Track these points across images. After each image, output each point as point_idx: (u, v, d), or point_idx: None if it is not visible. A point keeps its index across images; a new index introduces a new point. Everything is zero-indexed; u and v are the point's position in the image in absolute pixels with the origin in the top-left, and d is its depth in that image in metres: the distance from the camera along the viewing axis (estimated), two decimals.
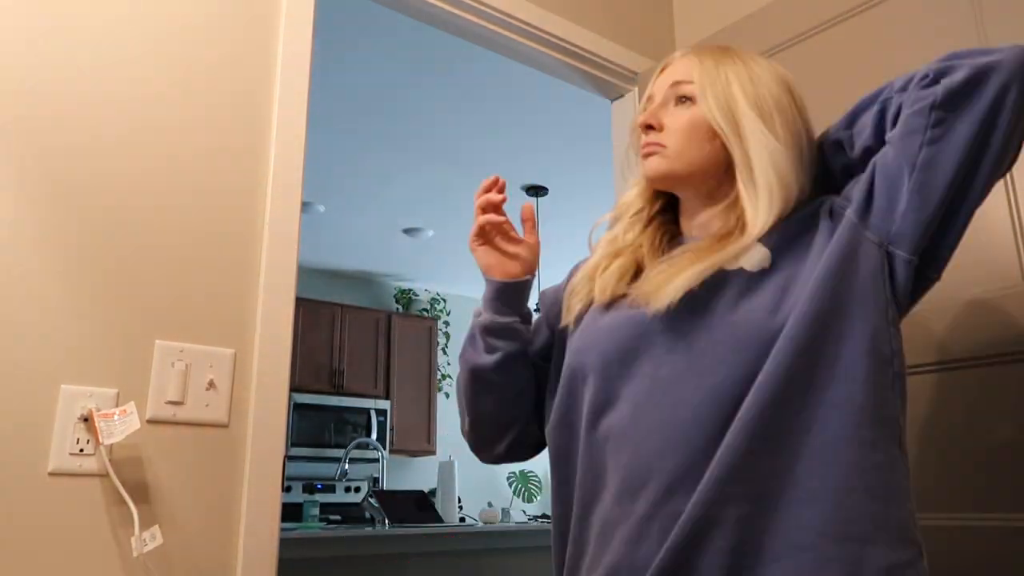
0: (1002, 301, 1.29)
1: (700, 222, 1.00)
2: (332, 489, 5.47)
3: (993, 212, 1.33)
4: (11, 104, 1.21)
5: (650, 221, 1.05)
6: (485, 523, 4.08)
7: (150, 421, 1.24)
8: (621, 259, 1.01)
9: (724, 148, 0.96)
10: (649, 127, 0.98)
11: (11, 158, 1.20)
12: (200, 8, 1.42)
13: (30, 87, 1.23)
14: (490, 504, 5.08)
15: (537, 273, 1.11)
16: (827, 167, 1.01)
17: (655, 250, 1.01)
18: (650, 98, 1.02)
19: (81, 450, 1.17)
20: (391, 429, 5.71)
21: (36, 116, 1.23)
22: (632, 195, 1.06)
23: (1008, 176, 1.32)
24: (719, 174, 0.97)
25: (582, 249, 1.11)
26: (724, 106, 0.95)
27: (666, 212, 1.06)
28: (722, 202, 0.97)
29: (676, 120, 0.97)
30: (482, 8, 1.83)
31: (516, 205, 1.00)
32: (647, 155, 0.99)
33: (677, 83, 0.98)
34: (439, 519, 3.52)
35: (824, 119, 1.60)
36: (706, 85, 0.96)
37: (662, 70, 1.03)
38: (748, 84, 0.96)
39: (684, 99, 0.98)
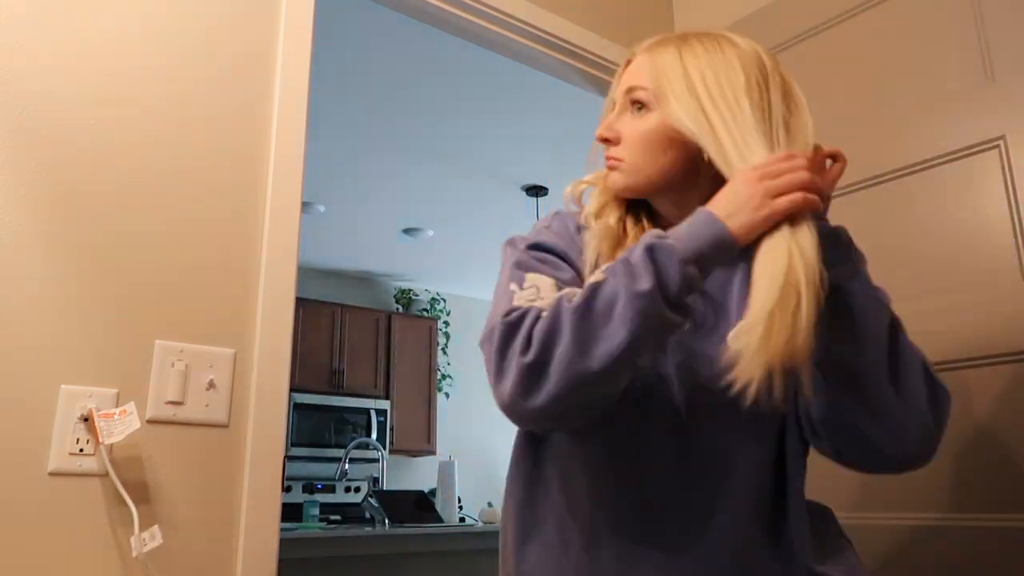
0: (1001, 301, 1.29)
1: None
2: (332, 489, 5.47)
3: (993, 212, 1.33)
4: (11, 104, 1.21)
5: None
6: (485, 523, 4.08)
7: (150, 421, 1.24)
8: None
9: (687, 150, 0.89)
10: (607, 140, 0.95)
11: (11, 158, 1.20)
12: (200, 9, 1.42)
13: (30, 88, 1.23)
14: (490, 504, 5.08)
15: None
16: None
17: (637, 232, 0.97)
18: (612, 104, 0.98)
19: (81, 450, 1.17)
20: (391, 429, 5.72)
21: (36, 117, 1.23)
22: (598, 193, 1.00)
23: (1008, 176, 1.32)
24: (690, 177, 0.92)
25: None
26: (688, 106, 0.87)
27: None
28: (698, 204, 0.85)
29: (631, 131, 0.93)
30: (482, 8, 1.83)
31: (516, 205, 0.99)
32: (610, 168, 0.96)
33: (631, 89, 0.94)
34: (439, 519, 3.52)
35: (825, 119, 1.60)
36: (665, 88, 0.90)
37: (624, 69, 0.98)
38: (710, 74, 0.88)
39: (639, 105, 0.93)
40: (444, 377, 6.26)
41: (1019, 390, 1.25)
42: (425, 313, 6.35)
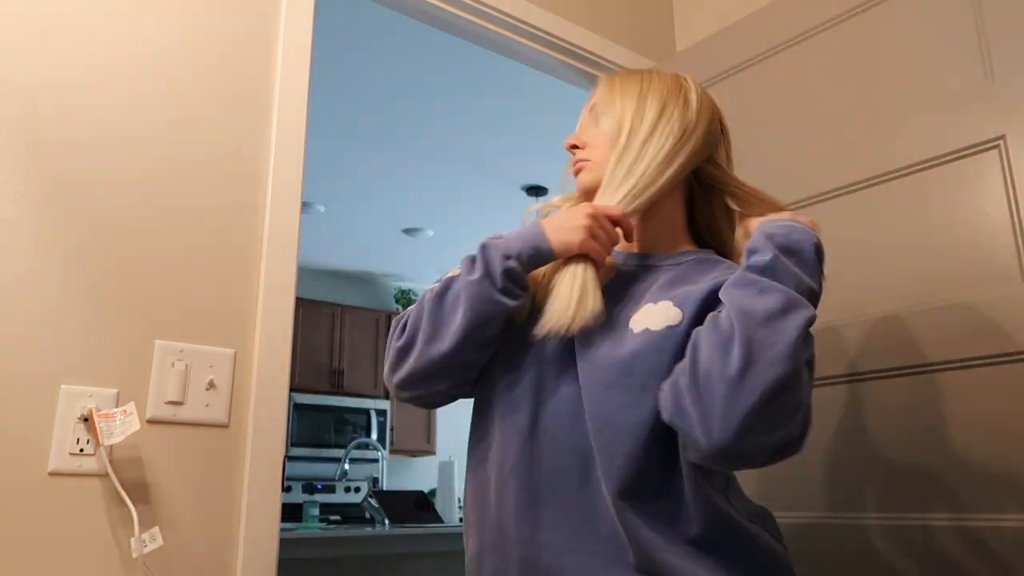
0: (1001, 301, 1.29)
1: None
2: (332, 489, 5.47)
3: (993, 212, 1.33)
4: (11, 104, 1.21)
5: None
6: None
7: (150, 421, 1.24)
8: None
9: None
10: (574, 147, 1.10)
11: (11, 158, 1.20)
12: (200, 8, 1.42)
13: (30, 87, 1.23)
14: None
15: None
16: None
17: None
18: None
19: (81, 450, 1.17)
20: (391, 429, 5.72)
21: (36, 116, 1.23)
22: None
23: (1008, 176, 1.32)
24: None
25: None
26: (610, 122, 1.06)
27: None
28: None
29: (593, 135, 1.09)
30: (482, 8, 1.83)
31: (515, 205, 1.01)
32: (577, 171, 1.10)
33: (592, 106, 1.11)
34: (439, 519, 3.52)
35: (824, 119, 1.61)
36: (607, 104, 1.08)
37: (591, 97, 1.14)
38: (638, 107, 1.06)
39: (597, 116, 1.09)
40: None
41: (1019, 390, 1.25)
42: None
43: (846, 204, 1.54)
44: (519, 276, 0.97)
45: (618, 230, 1.01)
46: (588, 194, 1.08)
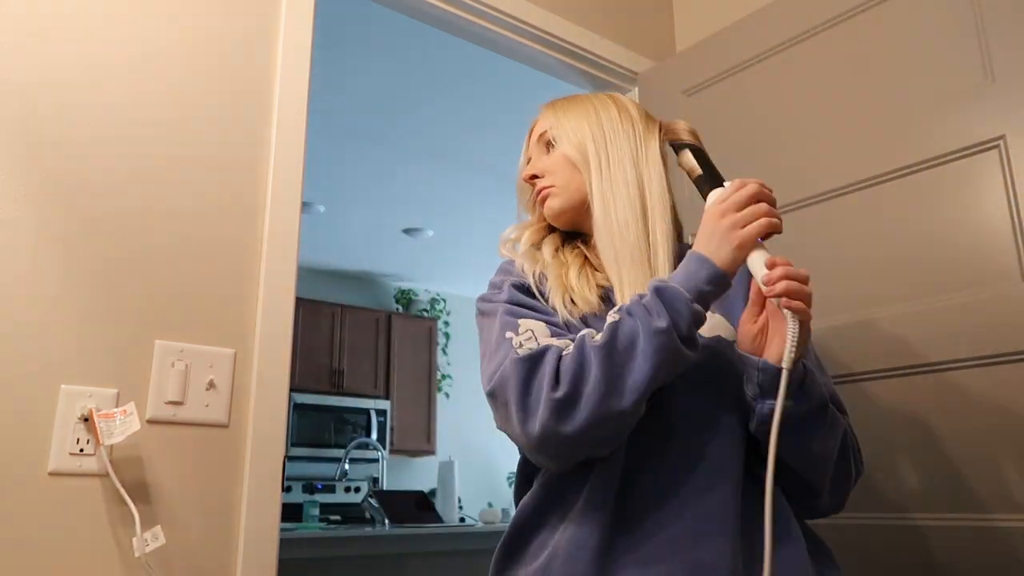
0: (1001, 301, 1.29)
1: None
2: (332, 489, 5.47)
3: (993, 212, 1.33)
4: (11, 105, 1.21)
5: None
6: (485, 523, 4.08)
7: (150, 421, 1.24)
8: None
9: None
10: (534, 177, 1.11)
11: (11, 158, 1.20)
12: (200, 8, 1.42)
13: (31, 87, 1.23)
14: (490, 504, 5.08)
15: None
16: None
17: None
18: (528, 159, 1.16)
19: (81, 450, 1.17)
20: (391, 429, 5.71)
21: (36, 117, 1.23)
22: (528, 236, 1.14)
23: (1008, 176, 1.32)
24: None
25: None
26: (573, 142, 1.07)
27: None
28: None
29: (549, 162, 1.10)
30: (482, 8, 1.83)
31: (516, 205, 1.01)
32: (543, 199, 1.10)
33: (541, 135, 1.12)
34: (439, 519, 3.52)
35: (824, 119, 1.61)
36: (561, 130, 1.10)
37: (533, 125, 1.16)
38: (589, 122, 1.09)
39: (549, 145, 1.11)
40: (444, 377, 6.26)
41: (1019, 390, 1.25)
42: (425, 313, 6.35)
43: (846, 204, 1.54)
44: (703, 321, 0.90)
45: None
46: (559, 218, 1.10)
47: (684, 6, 2.28)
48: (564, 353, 0.88)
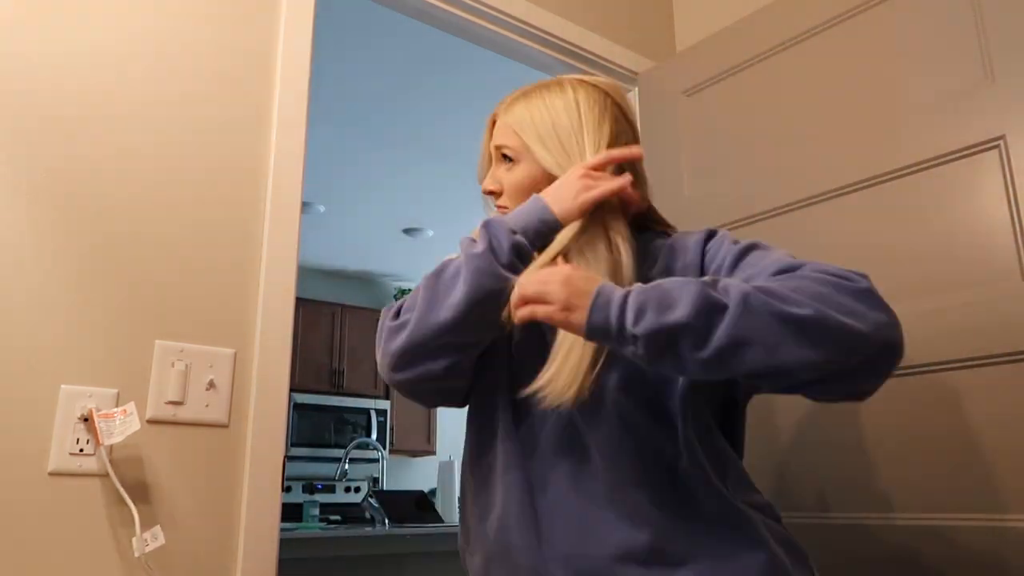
0: (1001, 301, 1.29)
1: None
2: (332, 489, 5.47)
3: (993, 212, 1.33)
4: (12, 105, 1.21)
5: None
6: None
7: (150, 421, 1.24)
8: None
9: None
10: (492, 192, 1.08)
11: (11, 159, 1.20)
12: (200, 8, 1.42)
13: (30, 88, 1.23)
14: None
15: None
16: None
17: None
18: (489, 157, 1.12)
19: (81, 450, 1.17)
20: (391, 429, 5.72)
21: (36, 117, 1.23)
22: None
23: (1008, 176, 1.32)
24: None
25: None
26: (546, 152, 1.03)
27: None
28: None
29: (508, 182, 1.07)
30: (482, 8, 1.83)
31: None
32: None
33: (499, 147, 1.08)
34: (439, 519, 3.52)
35: (824, 119, 1.61)
36: (525, 142, 1.05)
37: (490, 126, 1.12)
38: (550, 119, 1.05)
39: (509, 160, 1.07)
40: None
41: (1019, 390, 1.25)
42: None
43: (846, 204, 1.54)
44: (526, 252, 0.96)
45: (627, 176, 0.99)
46: None
47: (684, 6, 2.28)
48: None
